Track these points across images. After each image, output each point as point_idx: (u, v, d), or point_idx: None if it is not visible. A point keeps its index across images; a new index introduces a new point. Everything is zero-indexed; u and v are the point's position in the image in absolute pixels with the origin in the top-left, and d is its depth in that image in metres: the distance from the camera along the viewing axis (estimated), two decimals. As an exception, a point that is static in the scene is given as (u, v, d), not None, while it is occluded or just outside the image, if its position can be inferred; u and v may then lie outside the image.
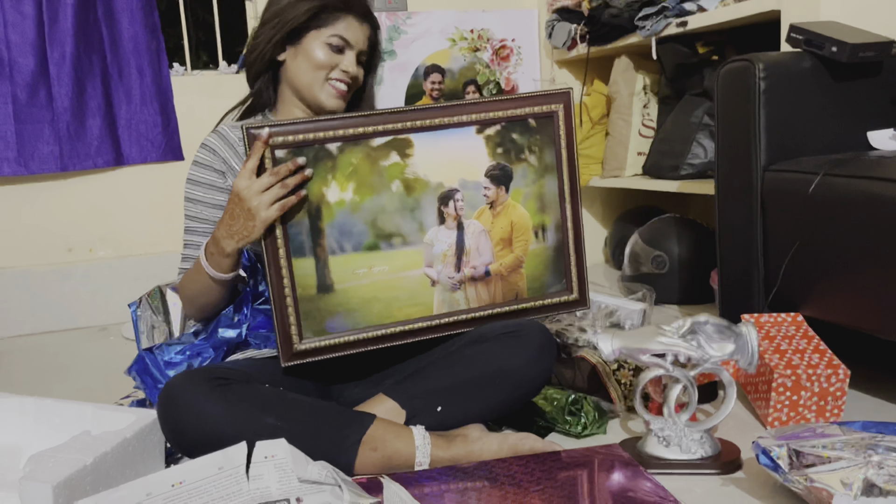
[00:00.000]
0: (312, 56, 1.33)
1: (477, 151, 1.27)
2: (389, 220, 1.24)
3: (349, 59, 1.34)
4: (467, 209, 1.28)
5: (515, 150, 1.29)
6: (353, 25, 1.34)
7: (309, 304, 1.20)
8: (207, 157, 1.34)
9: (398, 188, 1.24)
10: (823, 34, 1.52)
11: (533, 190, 1.31)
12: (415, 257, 1.25)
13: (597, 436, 1.33)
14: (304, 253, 1.19)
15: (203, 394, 1.11)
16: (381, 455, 1.14)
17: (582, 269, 1.34)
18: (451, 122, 1.25)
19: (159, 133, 2.57)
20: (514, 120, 1.28)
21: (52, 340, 2.37)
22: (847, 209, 1.35)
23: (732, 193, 1.61)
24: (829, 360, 1.33)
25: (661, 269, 2.27)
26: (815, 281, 1.45)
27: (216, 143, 1.34)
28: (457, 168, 1.26)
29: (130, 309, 1.37)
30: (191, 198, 1.34)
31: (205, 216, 1.33)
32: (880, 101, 1.60)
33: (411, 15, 2.79)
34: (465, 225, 1.28)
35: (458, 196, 1.27)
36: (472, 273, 1.29)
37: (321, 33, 1.33)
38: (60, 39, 2.41)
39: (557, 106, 1.30)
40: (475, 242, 1.29)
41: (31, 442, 1.19)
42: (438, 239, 1.27)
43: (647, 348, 1.20)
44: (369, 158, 1.22)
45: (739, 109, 1.55)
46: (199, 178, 1.34)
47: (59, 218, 2.53)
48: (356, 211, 1.22)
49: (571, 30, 2.70)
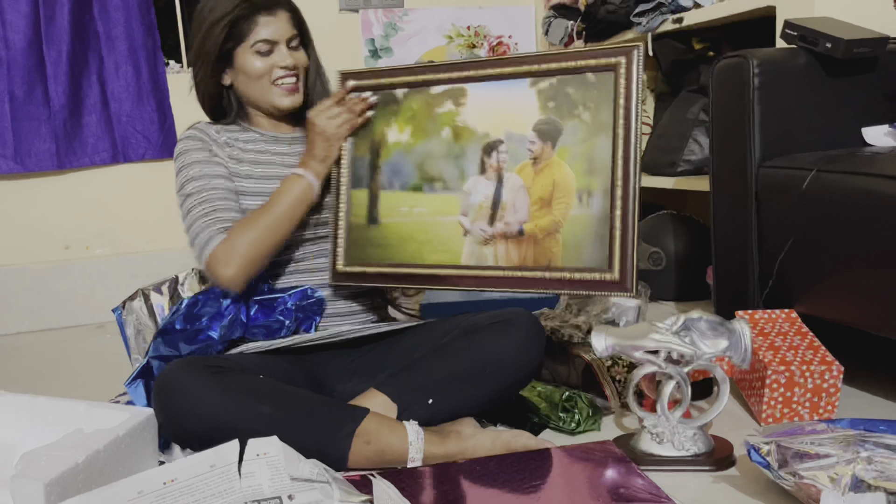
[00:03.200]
0: (248, 70, 1.35)
1: (527, 104, 1.22)
2: (434, 165, 1.28)
3: (280, 54, 1.35)
4: (510, 162, 1.23)
5: (568, 105, 1.20)
6: (268, 23, 1.33)
7: (357, 232, 1.33)
8: (196, 143, 1.37)
9: (447, 135, 1.27)
10: (818, 30, 1.52)
11: (582, 149, 1.19)
12: (452, 203, 1.27)
13: (591, 432, 1.33)
14: (362, 185, 1.33)
15: (199, 380, 1.12)
16: (375, 449, 1.14)
17: (627, 246, 1.15)
18: (506, 73, 1.23)
19: (156, 130, 2.57)
20: (571, 72, 1.19)
21: (48, 338, 2.38)
22: (841, 205, 1.35)
23: (727, 190, 1.61)
24: (822, 357, 1.33)
25: (657, 266, 2.27)
26: (809, 277, 1.45)
27: (199, 134, 1.39)
28: (505, 119, 1.23)
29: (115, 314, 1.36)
30: (193, 176, 1.34)
31: (214, 185, 1.33)
32: (875, 97, 1.60)
33: (408, 12, 2.79)
34: (504, 178, 1.23)
35: (503, 148, 1.23)
36: (505, 229, 1.23)
37: (245, 46, 1.34)
38: (57, 38, 2.41)
39: (619, 59, 1.17)
40: (512, 197, 1.22)
41: (24, 440, 1.19)
42: (476, 189, 1.26)
43: (641, 345, 1.20)
44: (427, 105, 1.29)
45: (734, 106, 1.55)
46: (196, 157, 1.36)
47: (55, 215, 2.53)
48: (408, 152, 1.30)
49: (568, 26, 2.70)
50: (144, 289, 1.34)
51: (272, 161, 1.40)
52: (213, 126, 1.42)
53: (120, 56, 2.51)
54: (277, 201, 1.30)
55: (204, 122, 1.44)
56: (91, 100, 2.50)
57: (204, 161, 1.36)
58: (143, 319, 1.33)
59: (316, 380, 1.31)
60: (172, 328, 1.25)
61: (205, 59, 1.36)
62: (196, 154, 1.36)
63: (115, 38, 2.50)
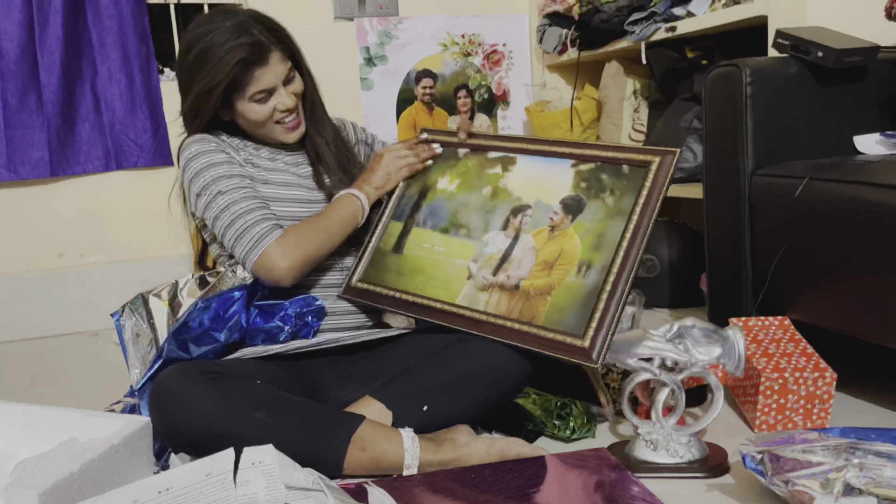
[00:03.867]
0: (249, 117, 1.37)
1: (563, 180, 1.35)
2: (467, 214, 1.41)
3: (279, 97, 1.36)
4: (530, 225, 1.34)
5: (598, 188, 1.31)
6: (264, 73, 1.33)
7: (380, 256, 1.44)
8: (212, 145, 1.37)
9: (487, 192, 1.41)
10: (809, 39, 1.53)
11: (596, 227, 1.27)
12: (468, 249, 1.38)
13: (585, 439, 1.34)
14: (401, 219, 1.47)
15: (195, 386, 1.12)
16: (370, 456, 1.14)
17: (606, 320, 1.18)
18: (554, 152, 1.38)
19: (149, 138, 2.57)
20: (611, 162, 1.32)
21: (42, 346, 2.37)
22: (833, 213, 1.36)
23: (721, 198, 1.62)
24: (815, 364, 1.34)
25: (651, 273, 2.28)
26: (802, 284, 1.46)
27: (211, 137, 1.39)
28: (539, 189, 1.37)
29: (113, 318, 1.36)
30: (222, 174, 1.34)
31: (246, 183, 1.34)
32: (866, 106, 1.62)
33: (402, 20, 2.80)
34: (520, 237, 1.34)
35: (528, 212, 1.35)
36: (504, 281, 1.30)
37: (244, 95, 1.34)
38: (50, 45, 2.41)
39: (655, 158, 1.27)
40: (521, 255, 1.31)
41: (18, 449, 1.19)
42: (493, 241, 1.36)
43: (635, 352, 1.21)
44: (480, 165, 1.45)
45: (727, 114, 1.56)
46: (218, 158, 1.35)
47: (49, 223, 2.52)
48: (450, 200, 1.44)
49: (562, 34, 2.71)
50: (144, 293, 1.33)
51: (286, 168, 1.42)
52: (217, 134, 1.41)
53: (113, 64, 2.51)
54: (332, 214, 1.37)
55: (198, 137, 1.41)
56: (84, 107, 2.50)
57: (227, 161, 1.36)
58: (141, 325, 1.33)
59: (311, 387, 1.31)
60: (186, 328, 1.25)
61: (207, 100, 1.33)
62: (216, 155, 1.35)
63: (109, 45, 2.50)
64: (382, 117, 2.79)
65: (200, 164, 1.35)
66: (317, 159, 1.45)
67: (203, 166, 1.34)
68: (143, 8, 2.53)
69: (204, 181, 1.34)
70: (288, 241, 1.30)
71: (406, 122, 2.85)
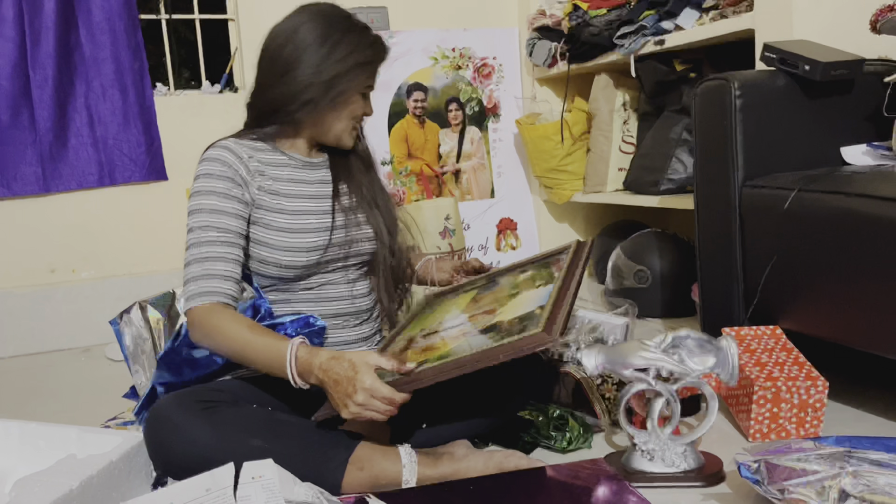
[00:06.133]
0: (350, 110, 1.34)
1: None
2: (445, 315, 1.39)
3: (369, 101, 1.39)
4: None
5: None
6: (376, 73, 1.36)
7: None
8: (223, 168, 1.29)
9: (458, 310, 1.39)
10: (796, 53, 1.56)
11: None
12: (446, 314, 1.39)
13: (582, 450, 1.34)
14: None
15: (191, 416, 1.12)
16: (368, 474, 1.14)
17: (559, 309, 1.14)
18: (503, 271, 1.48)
19: (143, 153, 2.57)
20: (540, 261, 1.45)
21: (35, 362, 2.36)
22: (822, 224, 1.38)
23: (711, 209, 1.64)
24: (808, 373, 1.36)
25: (643, 284, 2.30)
26: (793, 294, 1.48)
27: (230, 157, 1.30)
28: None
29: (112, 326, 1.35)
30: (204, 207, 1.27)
31: (221, 224, 1.26)
32: (853, 118, 1.64)
33: (393, 34, 2.82)
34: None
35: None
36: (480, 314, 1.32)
37: (358, 87, 1.33)
38: (42, 62, 2.41)
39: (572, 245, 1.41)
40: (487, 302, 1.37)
41: (15, 466, 1.19)
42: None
43: (630, 363, 1.22)
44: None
45: (716, 127, 1.58)
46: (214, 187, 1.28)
47: (41, 239, 2.51)
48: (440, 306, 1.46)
49: (552, 48, 2.74)
50: (142, 301, 1.33)
51: (301, 193, 1.35)
52: (244, 145, 1.33)
53: (106, 79, 2.51)
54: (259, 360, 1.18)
55: (231, 139, 1.35)
56: (77, 123, 2.50)
57: (221, 193, 1.27)
58: (140, 332, 1.32)
59: (309, 405, 1.31)
60: (175, 353, 1.25)
61: (328, 88, 1.29)
62: (217, 182, 1.28)
63: (102, 61, 2.50)
64: (374, 131, 2.80)
65: (198, 186, 1.29)
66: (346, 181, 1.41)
67: (197, 189, 1.29)
68: (136, 23, 2.54)
69: (191, 205, 1.29)
70: (206, 328, 1.20)
71: (398, 136, 2.87)
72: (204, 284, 1.22)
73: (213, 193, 1.27)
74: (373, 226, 1.40)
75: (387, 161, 2.84)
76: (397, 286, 1.46)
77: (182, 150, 2.59)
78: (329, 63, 1.29)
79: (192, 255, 1.25)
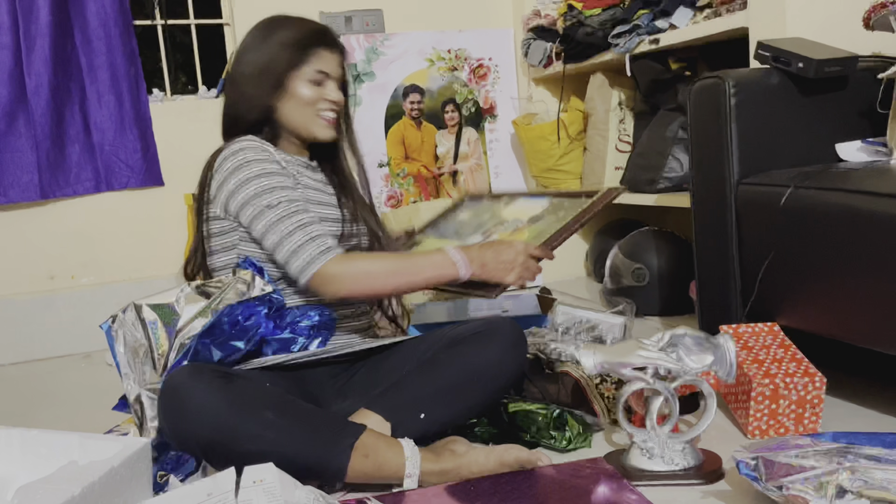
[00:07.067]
0: (299, 96, 1.37)
1: (538, 206, 1.58)
2: (465, 228, 1.64)
3: (331, 88, 1.40)
4: (501, 232, 1.56)
5: (558, 209, 1.52)
6: (326, 56, 1.39)
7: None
8: (265, 154, 1.33)
9: (487, 217, 1.64)
10: (790, 51, 1.56)
11: (541, 227, 1.49)
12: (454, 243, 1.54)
13: (582, 449, 1.35)
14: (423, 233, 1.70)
15: (205, 383, 1.13)
16: (373, 462, 1.16)
17: None
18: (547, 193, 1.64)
19: (139, 159, 2.57)
20: (575, 196, 1.54)
21: (35, 369, 2.36)
22: (818, 221, 1.39)
23: (707, 207, 1.65)
24: (805, 369, 1.36)
25: (641, 282, 2.30)
26: (790, 291, 1.48)
27: (263, 146, 1.35)
28: (520, 213, 1.60)
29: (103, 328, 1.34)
30: (274, 185, 1.30)
31: (298, 195, 1.33)
32: (847, 114, 1.65)
33: (389, 36, 2.82)
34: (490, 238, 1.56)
35: (505, 225, 1.57)
36: None
37: (301, 72, 1.37)
38: (38, 69, 2.41)
39: (603, 188, 1.52)
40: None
41: (17, 474, 1.19)
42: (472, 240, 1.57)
43: (628, 362, 1.22)
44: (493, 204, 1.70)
45: (711, 125, 1.59)
46: (270, 168, 1.32)
47: (40, 245, 2.52)
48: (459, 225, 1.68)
49: (547, 48, 2.74)
50: (137, 301, 1.31)
51: (317, 188, 1.43)
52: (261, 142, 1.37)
53: (102, 85, 2.52)
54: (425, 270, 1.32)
55: (249, 137, 1.37)
56: (74, 129, 2.50)
57: (279, 172, 1.33)
58: (135, 334, 1.30)
59: (312, 399, 1.32)
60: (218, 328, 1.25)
61: (264, 78, 1.36)
62: (268, 165, 1.32)
63: (97, 67, 2.51)
64: (371, 133, 2.81)
65: (252, 171, 1.31)
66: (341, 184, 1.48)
67: (255, 174, 1.31)
68: (131, 29, 2.55)
69: (253, 189, 1.30)
70: (348, 272, 1.28)
71: (395, 138, 2.87)
72: (319, 243, 1.28)
73: (275, 174, 1.33)
74: (368, 223, 1.47)
75: (384, 163, 2.85)
76: None
77: (178, 155, 2.60)
78: (260, 56, 1.36)
79: (289, 226, 1.29)
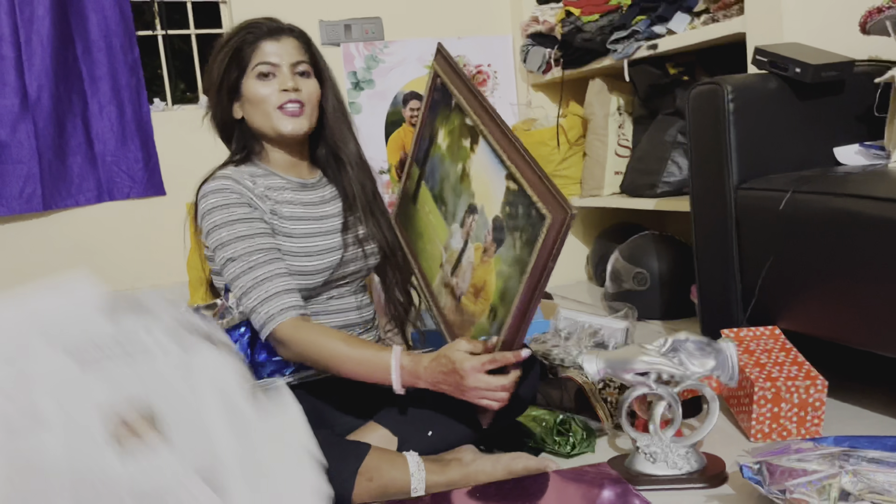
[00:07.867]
0: (252, 95, 1.33)
1: (498, 193, 1.21)
2: (447, 189, 1.38)
3: (282, 77, 1.33)
4: (474, 232, 1.27)
5: (513, 223, 1.17)
6: (268, 47, 1.33)
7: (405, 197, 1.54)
8: (233, 196, 1.29)
9: (459, 171, 1.34)
10: (787, 56, 1.58)
11: (505, 270, 1.17)
12: (443, 232, 1.37)
13: (586, 454, 1.36)
14: (418, 162, 1.51)
15: None
16: (378, 485, 1.16)
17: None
18: (496, 146, 1.22)
19: (141, 169, 2.58)
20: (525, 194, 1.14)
21: (38, 380, 2.36)
22: (817, 224, 1.40)
23: (707, 212, 1.66)
24: (807, 372, 1.37)
25: (642, 286, 2.31)
26: (790, 294, 1.49)
27: (235, 186, 1.30)
28: (485, 192, 1.26)
29: None
30: (238, 235, 1.27)
31: (259, 245, 1.27)
32: (845, 118, 1.66)
33: (388, 44, 2.84)
34: (468, 245, 1.29)
35: (476, 217, 1.27)
36: (454, 286, 1.30)
37: (249, 72, 1.33)
38: (39, 79, 2.42)
39: (549, 215, 1.08)
40: (466, 265, 1.28)
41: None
42: (455, 236, 1.33)
43: (631, 367, 1.23)
44: (460, 129, 1.35)
45: (710, 131, 1.60)
46: (236, 215, 1.28)
47: (42, 257, 2.52)
48: (441, 162, 1.42)
49: (546, 54, 2.75)
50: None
51: (306, 216, 1.36)
52: (244, 172, 1.34)
53: (103, 96, 2.53)
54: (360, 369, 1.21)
55: (230, 168, 1.35)
56: (75, 140, 2.51)
57: (243, 219, 1.28)
58: None
59: (318, 414, 1.32)
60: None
61: (214, 87, 1.36)
62: (234, 210, 1.28)
63: (99, 78, 2.52)
64: (371, 140, 2.82)
65: (216, 218, 1.28)
66: (343, 195, 1.42)
67: (219, 222, 1.28)
68: (133, 40, 2.56)
69: (217, 238, 1.28)
70: (295, 342, 1.23)
71: (395, 145, 2.88)
72: (275, 303, 1.23)
73: (238, 221, 1.28)
74: (377, 239, 1.42)
75: (384, 170, 2.86)
76: (405, 286, 1.48)
77: (180, 164, 2.60)
78: (211, 74, 1.36)
79: (246, 283, 1.25)
